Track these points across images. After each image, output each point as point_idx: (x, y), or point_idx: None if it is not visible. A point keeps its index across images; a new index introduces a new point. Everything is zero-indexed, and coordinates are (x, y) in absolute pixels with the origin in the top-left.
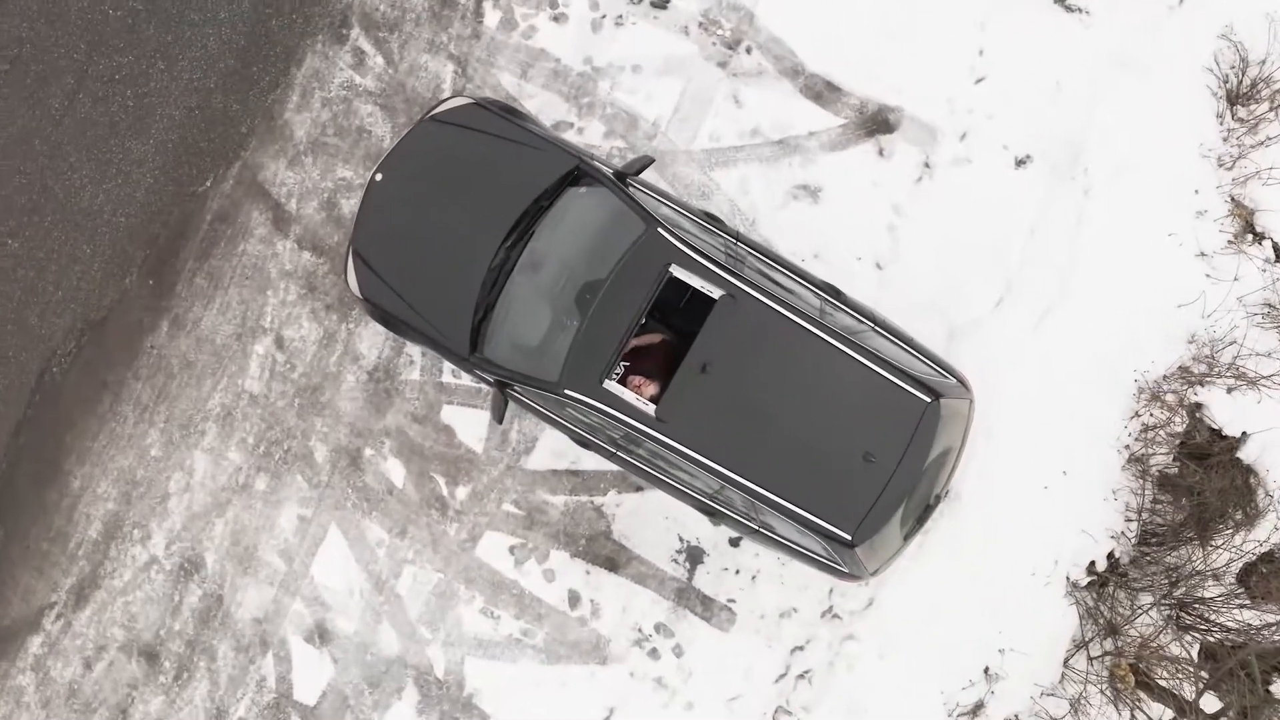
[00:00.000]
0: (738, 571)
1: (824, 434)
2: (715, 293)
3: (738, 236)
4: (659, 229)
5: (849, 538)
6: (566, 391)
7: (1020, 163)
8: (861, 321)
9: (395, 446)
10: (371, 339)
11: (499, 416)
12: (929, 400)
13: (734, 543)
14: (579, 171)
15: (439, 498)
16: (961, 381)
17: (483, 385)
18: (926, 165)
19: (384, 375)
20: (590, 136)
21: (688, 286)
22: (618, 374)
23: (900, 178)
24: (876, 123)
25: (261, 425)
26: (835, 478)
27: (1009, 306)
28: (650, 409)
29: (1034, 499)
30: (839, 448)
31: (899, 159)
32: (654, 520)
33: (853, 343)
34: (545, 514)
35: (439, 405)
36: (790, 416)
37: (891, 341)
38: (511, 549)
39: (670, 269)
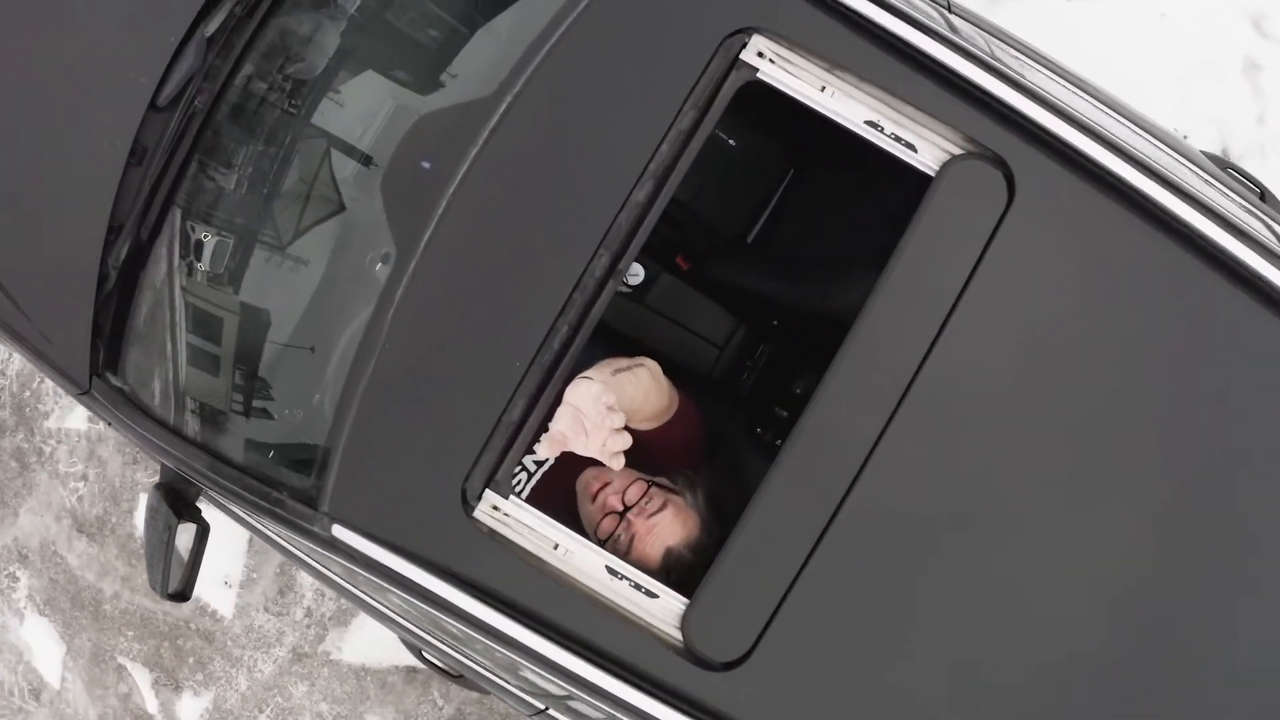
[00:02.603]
0: None
1: None
2: (928, 159)
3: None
4: None
5: None
6: (339, 534)
7: None
8: None
9: (41, 589)
10: None
11: (164, 579)
12: None
13: None
14: None
15: (139, 716)
16: None
17: None
18: None
19: (14, 416)
20: None
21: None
22: (522, 480)
23: None
24: None
25: None
26: None
27: None
28: (668, 613)
29: None
30: None
31: None
32: None
33: None
34: None
35: (130, 493)
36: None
37: None
38: None
39: (749, 51)
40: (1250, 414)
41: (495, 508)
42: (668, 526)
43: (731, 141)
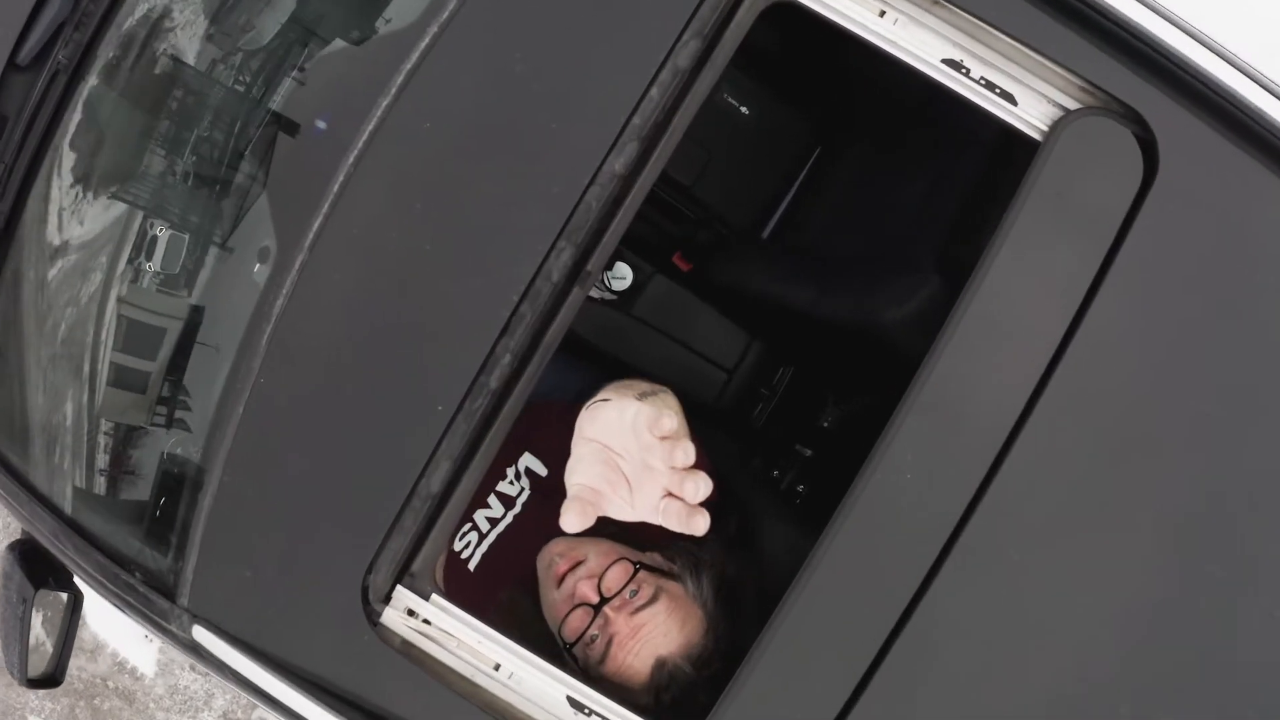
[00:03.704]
0: None
1: None
2: (1033, 115)
3: None
4: None
5: None
6: (201, 639)
7: None
8: None
9: None
10: None
11: (22, 661)
12: None
13: None
14: None
15: None
16: None
17: None
18: None
19: None
20: None
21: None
22: (471, 543)
23: None
24: None
25: None
26: None
27: None
28: None
29: None
30: None
31: None
32: None
33: None
34: None
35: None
36: None
37: None
38: None
39: None
40: None
41: (411, 612)
42: (660, 628)
43: (744, 109)
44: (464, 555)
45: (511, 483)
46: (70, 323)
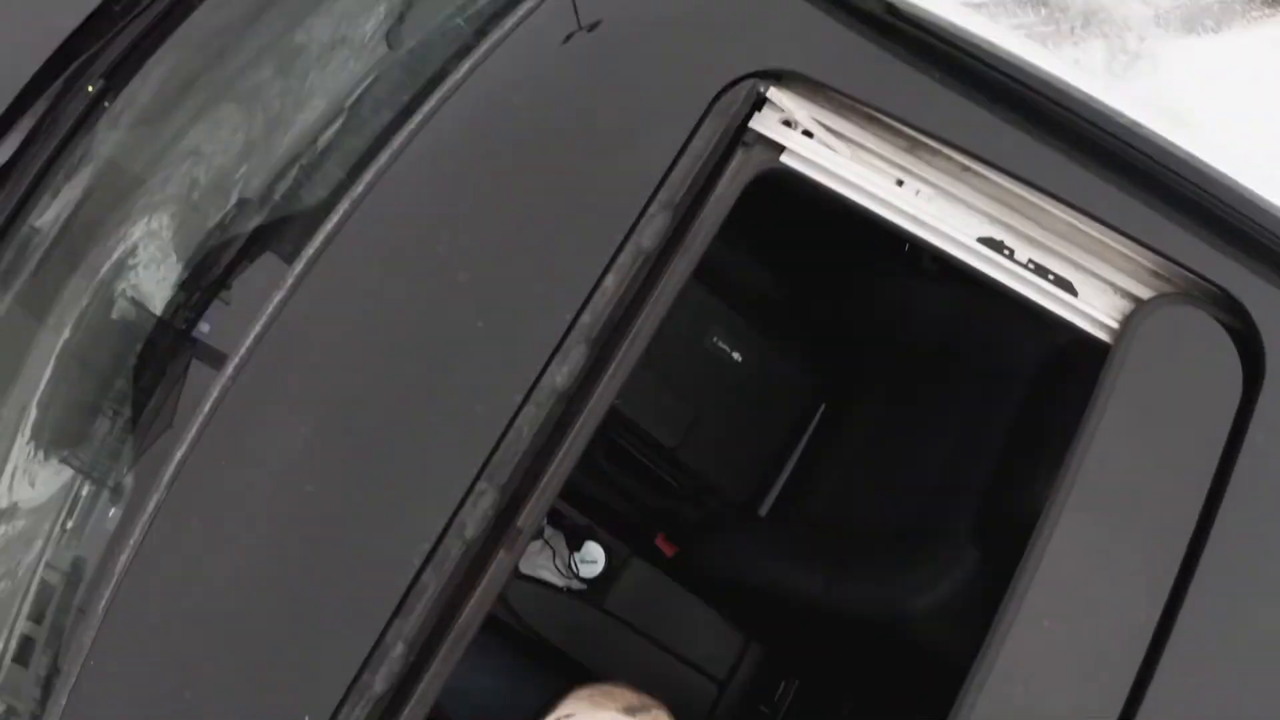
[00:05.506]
0: None
1: None
2: (1096, 309)
3: None
4: None
5: None
6: None
7: None
8: None
9: None
10: None
11: None
12: None
13: None
14: None
15: None
16: None
17: None
18: None
19: None
20: None
21: None
22: None
23: None
24: None
25: None
26: None
27: None
28: None
29: None
30: None
31: None
32: None
33: None
34: None
35: None
36: None
37: None
38: None
39: (768, 118)
40: None
41: None
42: None
43: (737, 355)
44: None
45: None
46: None
